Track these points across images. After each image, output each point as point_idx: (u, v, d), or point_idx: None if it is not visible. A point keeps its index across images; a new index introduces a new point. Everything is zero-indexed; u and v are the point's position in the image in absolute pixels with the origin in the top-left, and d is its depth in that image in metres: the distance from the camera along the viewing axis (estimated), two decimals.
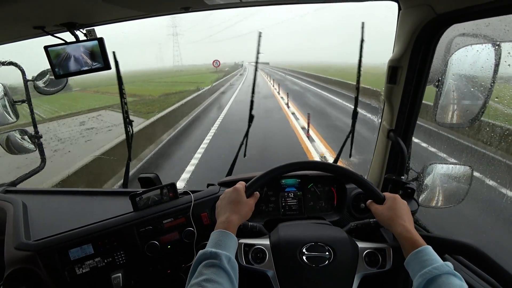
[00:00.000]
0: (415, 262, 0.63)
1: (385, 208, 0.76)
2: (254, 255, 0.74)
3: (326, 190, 1.13)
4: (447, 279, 0.57)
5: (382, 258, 0.75)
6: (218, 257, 0.60)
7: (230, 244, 0.65)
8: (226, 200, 0.76)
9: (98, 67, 1.00)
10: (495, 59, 0.84)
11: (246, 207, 0.75)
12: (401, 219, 0.72)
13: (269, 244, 0.77)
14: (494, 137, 3.49)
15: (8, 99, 1.49)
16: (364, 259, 0.75)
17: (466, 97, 0.95)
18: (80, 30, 0.98)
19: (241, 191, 0.77)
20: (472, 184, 1.07)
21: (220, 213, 0.74)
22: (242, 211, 0.74)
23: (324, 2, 1.03)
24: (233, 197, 0.76)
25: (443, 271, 0.58)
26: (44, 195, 1.23)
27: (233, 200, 0.75)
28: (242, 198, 0.76)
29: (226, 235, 0.66)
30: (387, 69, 0.99)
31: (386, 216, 0.74)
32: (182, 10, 0.84)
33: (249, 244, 0.76)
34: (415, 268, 0.62)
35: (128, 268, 0.94)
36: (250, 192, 0.79)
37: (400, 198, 0.78)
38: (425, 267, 0.60)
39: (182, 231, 0.98)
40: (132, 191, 1.04)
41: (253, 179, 0.80)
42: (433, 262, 0.60)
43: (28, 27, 0.90)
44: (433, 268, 0.59)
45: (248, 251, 0.75)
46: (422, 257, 0.62)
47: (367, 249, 0.77)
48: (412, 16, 0.86)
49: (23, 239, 0.89)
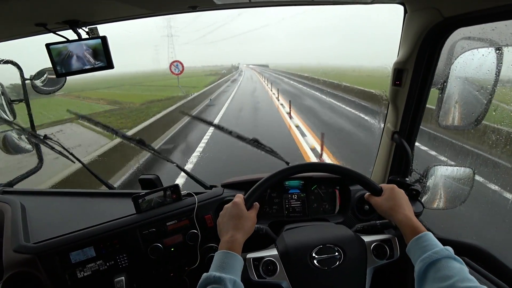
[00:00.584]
0: (415, 248, 0.64)
1: (384, 199, 0.77)
2: (265, 268, 0.72)
3: (330, 192, 1.13)
4: (447, 262, 0.58)
5: (389, 249, 0.76)
6: (222, 281, 0.57)
7: (235, 265, 0.63)
8: (227, 217, 0.73)
9: (100, 66, 0.98)
10: (498, 63, 0.85)
11: (248, 221, 0.73)
12: (401, 207, 0.73)
13: (277, 254, 0.75)
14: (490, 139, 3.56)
15: (5, 98, 1.46)
16: (372, 252, 0.76)
17: (470, 100, 0.96)
18: (82, 28, 0.97)
19: (241, 205, 0.74)
20: (473, 185, 1.09)
21: (222, 231, 0.71)
22: (246, 226, 0.71)
23: (329, 4, 1.03)
24: (234, 212, 0.73)
25: (443, 255, 0.59)
26: (43, 196, 1.20)
27: (235, 216, 0.72)
28: (243, 212, 0.73)
29: (230, 256, 0.64)
30: (392, 71, 0.99)
31: (386, 206, 0.76)
32: (189, 9, 0.82)
33: (258, 258, 0.74)
34: (416, 253, 0.63)
35: (131, 271, 0.92)
36: (249, 203, 0.76)
37: (398, 188, 0.79)
38: (425, 252, 0.61)
39: (186, 234, 0.97)
40: (134, 193, 1.03)
41: (251, 189, 0.78)
42: (433, 247, 0.61)
43: (30, 24, 0.88)
44: (433, 253, 0.60)
45: (258, 265, 0.73)
46: (422, 243, 0.63)
47: (373, 242, 0.77)
48: (419, 19, 0.87)
49: (22, 242, 0.87)
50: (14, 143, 1.53)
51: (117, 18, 0.95)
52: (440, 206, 1.13)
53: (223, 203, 1.04)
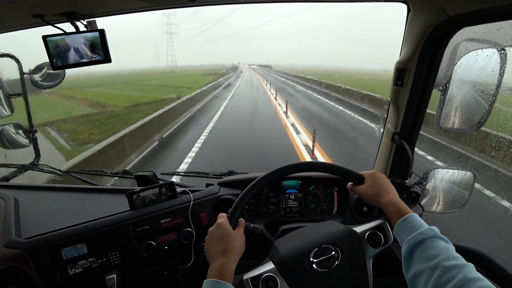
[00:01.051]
0: (402, 230, 0.64)
1: (367, 187, 0.77)
2: (265, 286, 0.68)
3: (327, 193, 1.11)
4: (432, 242, 0.58)
5: (382, 234, 0.75)
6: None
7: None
8: (214, 241, 0.68)
9: (98, 59, 0.97)
10: (503, 65, 0.84)
11: (237, 241, 0.69)
12: (385, 191, 0.74)
13: (274, 268, 0.71)
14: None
15: (3, 92, 1.45)
16: (367, 242, 0.74)
17: (472, 102, 0.94)
18: (80, 20, 0.95)
19: (225, 225, 0.70)
20: (474, 189, 1.07)
21: (211, 257, 0.67)
22: (235, 247, 0.67)
23: (330, 1, 1.01)
24: (220, 234, 0.69)
25: (428, 235, 0.59)
26: (37, 191, 1.19)
27: (221, 238, 0.68)
28: (230, 233, 0.69)
29: (219, 286, 0.60)
30: (394, 71, 0.98)
31: (370, 193, 0.76)
32: (188, 3, 0.81)
33: (256, 277, 0.70)
34: (403, 235, 0.63)
35: (123, 269, 0.91)
36: (234, 222, 0.72)
37: (379, 173, 0.79)
38: (411, 233, 0.61)
39: (180, 232, 0.95)
40: (129, 189, 1.01)
41: (232, 207, 0.74)
42: (419, 228, 0.61)
43: (27, 15, 0.87)
44: (418, 233, 0.60)
45: (257, 284, 0.69)
46: (408, 224, 0.64)
47: (366, 231, 0.76)
48: (422, 18, 0.85)
49: (13, 237, 0.85)
50: (12, 138, 1.52)
51: (116, 11, 0.93)
52: (440, 209, 1.11)
53: (219, 202, 1.03)
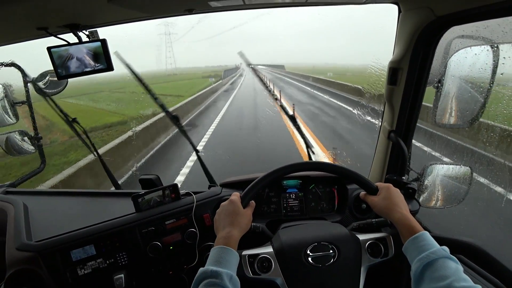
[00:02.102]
0: (412, 248, 0.65)
1: (380, 198, 0.77)
2: (260, 265, 0.74)
3: (327, 191, 1.14)
4: (444, 262, 0.59)
5: (384, 247, 0.77)
6: (219, 276, 0.59)
7: (231, 260, 0.64)
8: (224, 214, 0.75)
9: (100, 68, 1.00)
10: (493, 61, 0.86)
11: (245, 219, 0.75)
12: (398, 206, 0.74)
13: (273, 252, 0.76)
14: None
15: (8, 100, 1.49)
16: (367, 250, 0.76)
17: (465, 98, 0.96)
18: (83, 31, 0.99)
19: (237, 203, 0.76)
20: (471, 184, 1.09)
21: (219, 227, 0.73)
22: (242, 222, 0.73)
23: (324, 4, 1.04)
24: (231, 209, 0.75)
25: (440, 255, 0.60)
26: (45, 196, 1.23)
27: (231, 213, 0.74)
28: (240, 210, 0.75)
29: (226, 251, 0.65)
30: (388, 70, 1.00)
31: (382, 205, 0.76)
32: (185, 12, 0.84)
33: (253, 255, 0.75)
34: (413, 253, 0.64)
35: (130, 269, 0.94)
36: (245, 202, 0.78)
37: (393, 187, 0.80)
38: (422, 252, 0.61)
39: (184, 232, 0.98)
40: (134, 192, 1.04)
41: (246, 188, 0.79)
42: (430, 247, 0.62)
43: (32, 28, 0.91)
44: (430, 253, 0.60)
45: (253, 262, 0.74)
46: (419, 243, 0.64)
47: (368, 240, 0.78)
48: (412, 19, 0.88)
49: (25, 240, 0.89)
50: (17, 145, 1.56)
51: (116, 21, 0.97)
52: (437, 205, 1.13)
53: (221, 202, 1.06)
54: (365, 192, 0.83)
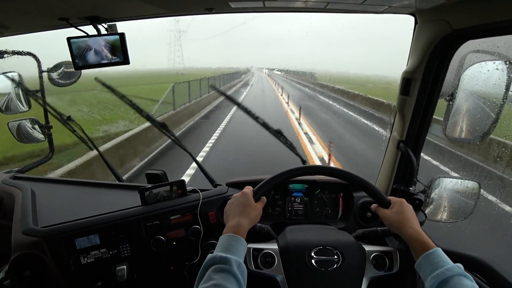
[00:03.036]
0: (426, 264, 0.64)
1: (393, 212, 0.77)
2: (263, 260, 0.74)
3: (333, 197, 1.13)
4: (459, 280, 0.58)
5: (389, 261, 0.76)
6: (228, 262, 0.59)
7: (240, 248, 0.64)
8: (235, 204, 0.75)
9: (117, 61, 1.02)
10: (507, 77, 0.86)
11: (255, 211, 0.75)
12: (410, 222, 0.73)
13: (277, 249, 0.77)
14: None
15: (22, 88, 1.51)
16: (371, 262, 0.76)
17: (477, 113, 0.96)
18: (102, 24, 1.01)
19: (249, 195, 0.77)
20: (479, 200, 1.08)
21: (229, 217, 0.74)
22: (252, 214, 0.74)
23: (341, 12, 1.05)
24: (242, 200, 0.75)
25: (455, 272, 0.59)
26: (53, 183, 1.24)
27: (243, 204, 0.75)
28: (251, 202, 0.76)
29: (236, 239, 0.65)
30: (401, 80, 1.00)
31: (394, 220, 0.75)
32: (205, 11, 0.86)
33: (258, 249, 0.76)
34: (427, 270, 0.63)
35: (132, 262, 0.94)
36: (258, 196, 0.78)
37: (406, 202, 0.79)
38: (436, 269, 0.61)
39: (189, 229, 0.98)
40: (141, 186, 1.05)
41: (260, 183, 0.80)
42: (445, 264, 0.61)
43: (54, 18, 0.93)
44: (445, 270, 0.59)
45: (257, 256, 0.75)
46: (433, 259, 0.63)
47: (374, 252, 0.77)
48: (428, 30, 0.88)
49: (31, 225, 0.90)
50: (28, 133, 1.58)
51: (136, 16, 0.99)
52: (443, 218, 1.12)
53: (227, 201, 1.06)
54: (376, 205, 0.82)
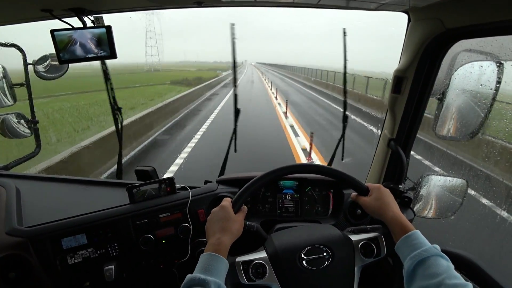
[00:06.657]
0: (405, 246, 0.66)
1: (372, 199, 0.78)
2: (255, 271, 0.72)
3: (323, 195, 1.14)
4: (435, 260, 0.60)
5: (376, 247, 0.77)
6: (207, 284, 0.57)
7: (220, 268, 0.63)
8: (215, 220, 0.73)
9: (103, 55, 0.98)
10: (497, 77, 0.86)
11: (236, 224, 0.74)
12: (390, 206, 0.75)
13: (267, 257, 0.75)
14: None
15: (6, 82, 1.46)
16: (360, 251, 0.77)
17: (467, 112, 0.96)
18: (88, 16, 0.97)
19: (228, 208, 0.75)
20: (465, 197, 1.10)
21: (209, 234, 0.72)
22: (233, 228, 0.72)
23: (334, 8, 1.04)
24: (221, 215, 0.74)
25: (432, 253, 0.61)
26: (38, 181, 1.21)
27: (222, 219, 0.73)
28: (231, 215, 0.74)
29: (216, 258, 0.64)
30: (393, 78, 1.00)
31: (374, 206, 0.77)
32: (195, 5, 0.83)
33: (247, 261, 0.74)
34: (405, 251, 0.65)
35: (121, 261, 0.93)
36: (237, 207, 0.77)
37: (383, 187, 0.80)
38: (414, 250, 0.63)
39: (178, 227, 0.97)
40: (129, 183, 1.03)
41: (237, 193, 0.78)
42: (422, 245, 0.63)
43: (36, 9, 0.89)
44: (422, 251, 0.62)
45: (248, 268, 0.73)
46: (411, 241, 0.65)
47: (361, 241, 0.78)
48: (421, 29, 0.88)
49: (15, 225, 0.87)
50: (13, 127, 1.53)
51: (123, 8, 0.95)
52: (431, 215, 1.14)
53: (217, 199, 1.05)
54: (356, 193, 0.84)
